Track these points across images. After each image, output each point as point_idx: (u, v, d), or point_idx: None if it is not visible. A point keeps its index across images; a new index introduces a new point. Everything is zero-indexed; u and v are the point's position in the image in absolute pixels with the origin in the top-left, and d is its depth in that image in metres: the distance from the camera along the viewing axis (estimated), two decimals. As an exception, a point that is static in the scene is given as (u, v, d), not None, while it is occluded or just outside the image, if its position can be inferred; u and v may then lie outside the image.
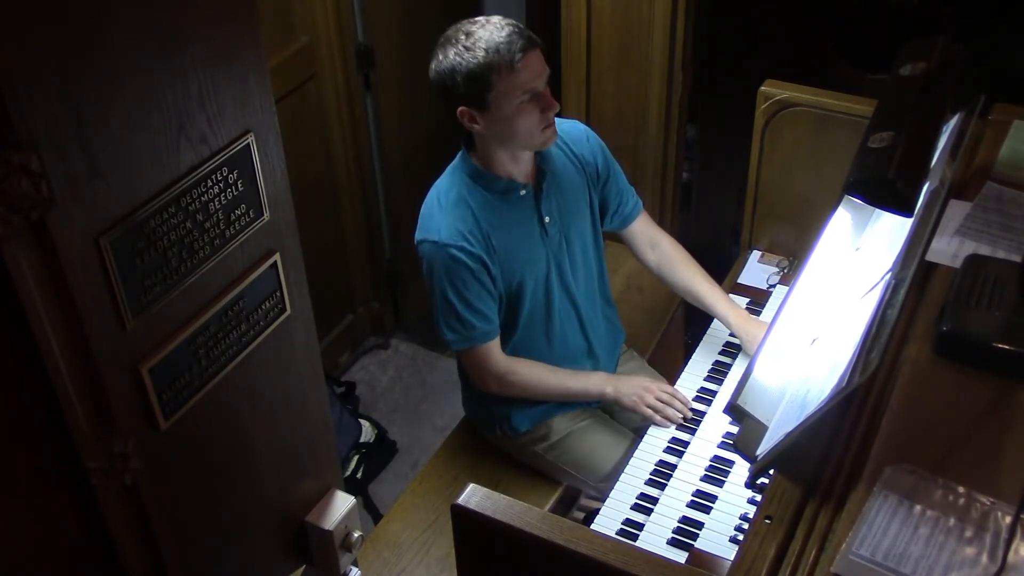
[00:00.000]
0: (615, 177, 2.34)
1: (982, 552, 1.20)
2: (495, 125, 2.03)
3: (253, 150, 1.26)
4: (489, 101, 1.99)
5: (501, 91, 1.97)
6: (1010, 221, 1.74)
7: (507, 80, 1.96)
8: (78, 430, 1.14)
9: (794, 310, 1.86)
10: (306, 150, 3.02)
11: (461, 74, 1.97)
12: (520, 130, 2.03)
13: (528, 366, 2.25)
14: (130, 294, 1.14)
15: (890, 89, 1.61)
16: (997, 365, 1.44)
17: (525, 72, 1.97)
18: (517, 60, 1.95)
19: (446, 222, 2.08)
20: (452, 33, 2.01)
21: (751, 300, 2.60)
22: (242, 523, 1.48)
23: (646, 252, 2.45)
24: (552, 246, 2.21)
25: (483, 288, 2.12)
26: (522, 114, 2.00)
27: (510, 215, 2.14)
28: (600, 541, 1.26)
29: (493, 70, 1.95)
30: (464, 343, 2.17)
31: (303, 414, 1.53)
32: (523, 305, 2.21)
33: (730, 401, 1.80)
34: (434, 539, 2.28)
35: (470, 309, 2.12)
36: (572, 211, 2.24)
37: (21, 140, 0.97)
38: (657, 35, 2.78)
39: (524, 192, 2.15)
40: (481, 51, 1.95)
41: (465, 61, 1.96)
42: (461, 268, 2.08)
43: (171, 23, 1.10)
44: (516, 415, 2.31)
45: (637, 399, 2.26)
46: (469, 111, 2.02)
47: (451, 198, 2.11)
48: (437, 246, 2.08)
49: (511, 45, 1.95)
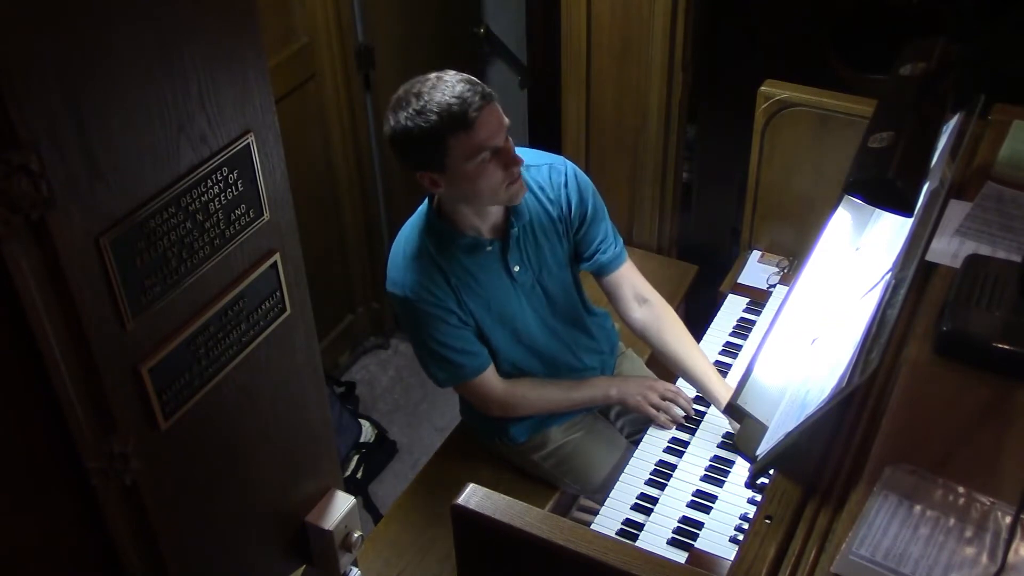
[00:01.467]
0: (595, 222, 2.20)
1: (982, 552, 1.20)
2: (457, 186, 1.94)
3: (253, 150, 1.26)
4: (447, 164, 1.89)
5: (459, 153, 1.87)
6: (1010, 221, 1.74)
7: (464, 141, 1.86)
8: (78, 430, 1.14)
9: (794, 310, 1.86)
10: (306, 150, 3.02)
11: (415, 139, 1.87)
12: (484, 189, 1.93)
13: (529, 385, 2.23)
14: (130, 294, 1.14)
15: (890, 89, 1.61)
16: (997, 365, 1.44)
17: (482, 130, 1.87)
18: (472, 119, 1.85)
19: (411, 278, 2.03)
20: (403, 95, 1.91)
21: (751, 300, 2.60)
22: (242, 523, 1.48)
23: (631, 307, 2.28)
24: (525, 291, 2.15)
25: (460, 330, 2.08)
26: (484, 173, 1.90)
27: (478, 269, 2.07)
28: (600, 541, 1.26)
29: (448, 132, 1.85)
30: (455, 380, 2.15)
31: (303, 414, 1.53)
32: (506, 346, 2.18)
33: (730, 401, 1.81)
34: (434, 539, 2.28)
35: (450, 349, 2.09)
36: (546, 256, 2.15)
37: (21, 140, 0.97)
38: (657, 35, 2.78)
39: (490, 248, 2.07)
40: (433, 114, 1.85)
41: (417, 125, 1.86)
42: (431, 318, 2.04)
43: (171, 23, 1.10)
44: (514, 427, 2.30)
45: (641, 399, 2.25)
46: (429, 175, 1.93)
47: (415, 253, 2.04)
48: (405, 301, 2.04)
49: (465, 104, 1.85)
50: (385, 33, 3.07)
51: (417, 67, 3.27)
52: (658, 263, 3.07)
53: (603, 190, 3.09)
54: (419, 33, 3.25)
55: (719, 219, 3.42)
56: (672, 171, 3.06)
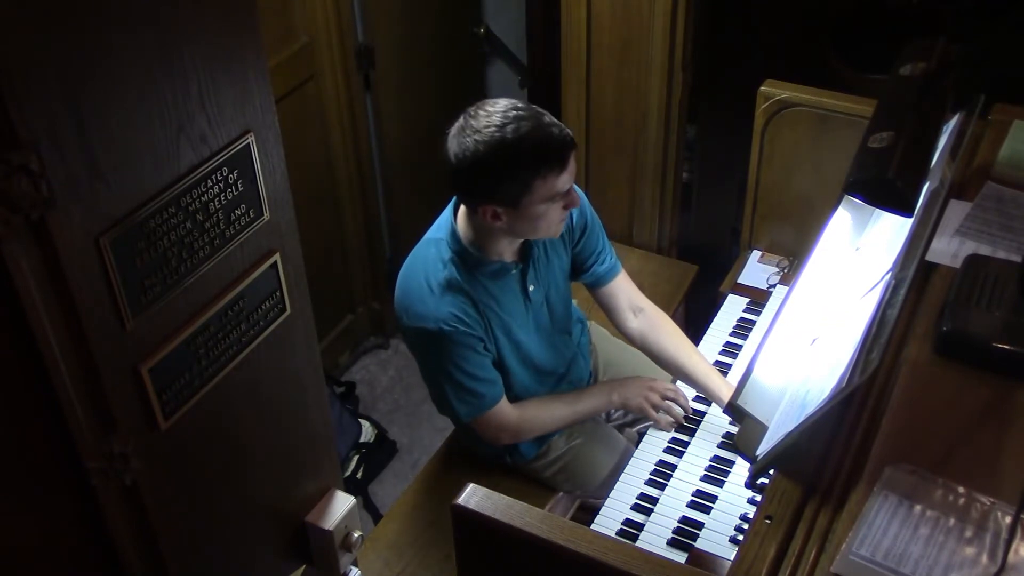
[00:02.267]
0: (591, 234, 2.21)
1: (982, 552, 1.20)
2: (518, 223, 1.91)
3: (253, 150, 1.26)
4: (523, 203, 1.87)
5: (539, 195, 1.86)
6: (1010, 221, 1.74)
7: (550, 184, 1.85)
8: (78, 430, 1.14)
9: (794, 310, 1.86)
10: (306, 150, 3.02)
11: (503, 176, 1.83)
12: (542, 227, 1.94)
13: (537, 406, 2.22)
14: (130, 294, 1.14)
15: (890, 89, 1.61)
16: (997, 365, 1.44)
17: (566, 175, 1.87)
18: (564, 166, 1.85)
19: (445, 310, 1.98)
20: (484, 120, 1.83)
21: (751, 300, 2.60)
22: (242, 523, 1.48)
23: (627, 318, 2.30)
24: (534, 310, 2.16)
25: (485, 358, 2.07)
26: (549, 214, 1.91)
27: (500, 293, 2.07)
28: (600, 541, 1.26)
29: (538, 174, 1.83)
30: (477, 412, 2.11)
31: (303, 414, 1.53)
32: (516, 368, 2.18)
33: (730, 401, 1.81)
34: (434, 539, 2.28)
35: (476, 380, 2.07)
36: (552, 273, 2.17)
37: (21, 140, 0.97)
38: (657, 35, 2.78)
39: (514, 271, 2.08)
40: (529, 155, 1.82)
41: (508, 164, 1.82)
42: (462, 347, 2.01)
43: (171, 23, 1.10)
44: (523, 445, 2.29)
45: (643, 400, 2.25)
46: (494, 208, 1.88)
47: (445, 283, 1.99)
48: (436, 334, 1.98)
49: (563, 151, 1.85)
50: (385, 33, 3.07)
51: (417, 67, 3.29)
52: (658, 263, 3.07)
53: (603, 190, 3.11)
54: (419, 33, 3.25)
55: (719, 219, 3.42)
56: (672, 171, 3.06)
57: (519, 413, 2.18)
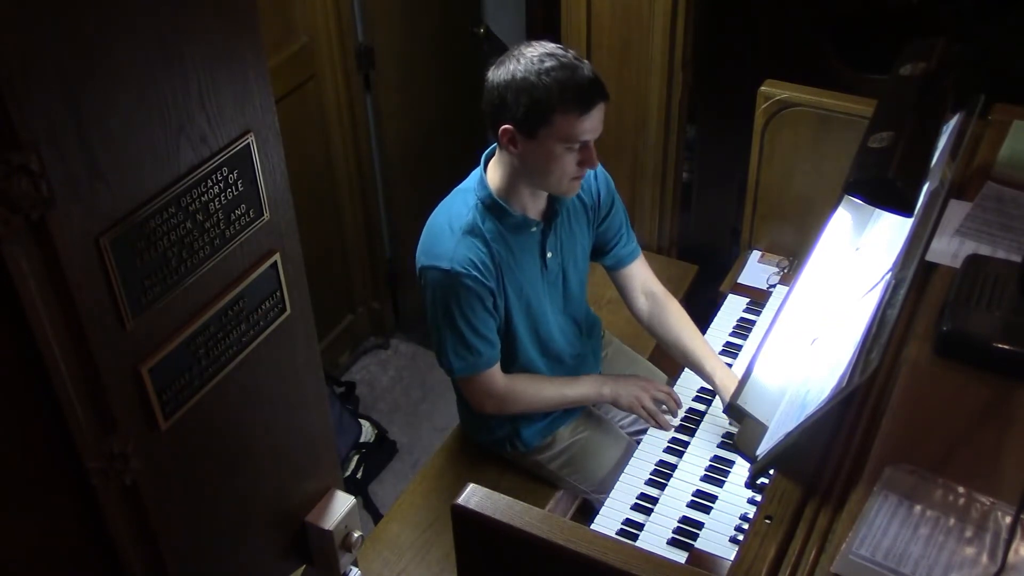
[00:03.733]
0: (616, 214, 2.28)
1: (982, 552, 1.20)
2: (532, 158, 1.96)
3: (253, 150, 1.26)
4: (540, 134, 1.91)
5: (557, 131, 1.90)
6: (1010, 221, 1.74)
7: (570, 125, 1.90)
8: (78, 430, 1.14)
9: (794, 310, 1.86)
10: (306, 150, 3.02)
11: (527, 96, 1.88)
12: (553, 173, 1.97)
13: (527, 382, 2.22)
14: (130, 294, 1.14)
15: (890, 89, 1.61)
16: (997, 365, 1.44)
17: (587, 123, 1.92)
18: (588, 109, 1.90)
19: (459, 250, 2.01)
20: (528, 50, 1.92)
21: (751, 300, 2.60)
22: (242, 523, 1.48)
23: (638, 299, 2.36)
24: (550, 280, 2.18)
25: (489, 315, 2.08)
26: (563, 159, 1.94)
27: (519, 249, 2.09)
28: (600, 541, 1.26)
29: (560, 108, 1.88)
30: (469, 370, 2.12)
31: (303, 414, 1.53)
32: (525, 336, 2.18)
33: (730, 401, 1.81)
34: (434, 539, 2.28)
35: (477, 335, 2.08)
36: (573, 245, 2.21)
37: (21, 140, 0.97)
38: (657, 35, 2.78)
39: (535, 229, 2.11)
40: (556, 84, 1.87)
41: (536, 85, 1.87)
42: (472, 296, 2.03)
43: (171, 23, 1.10)
44: (525, 432, 2.30)
45: (634, 400, 2.26)
46: (514, 133, 1.94)
47: (464, 224, 2.03)
48: (448, 274, 2.00)
49: (591, 95, 1.89)
50: (385, 33, 3.07)
51: (417, 67, 3.29)
52: (658, 263, 3.07)
53: (603, 190, 3.10)
54: (419, 33, 3.25)
55: (719, 219, 3.42)
56: (672, 171, 3.06)
57: (508, 384, 2.19)
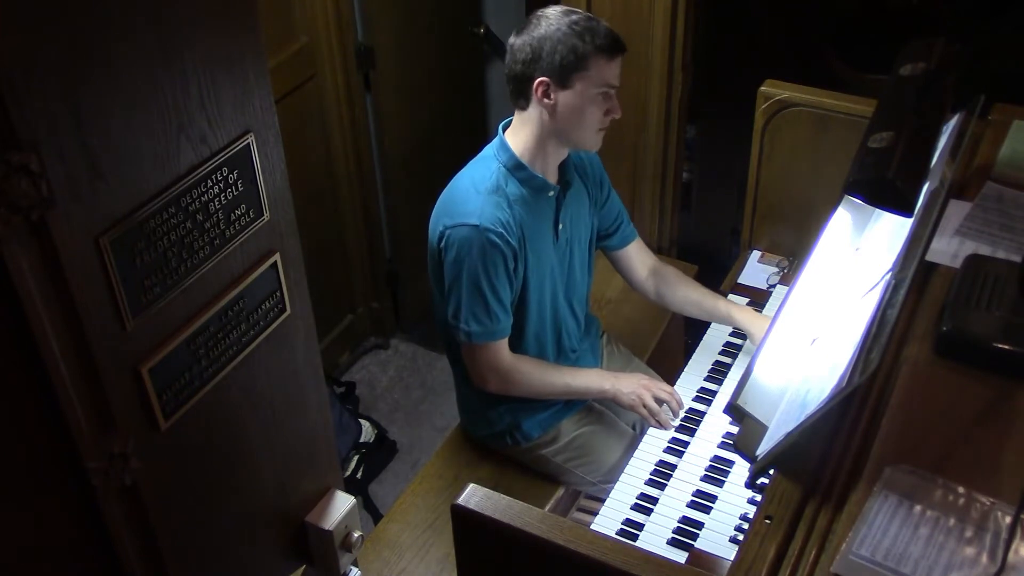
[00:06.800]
0: (613, 196, 2.38)
1: (982, 552, 1.20)
2: (566, 107, 2.05)
3: (253, 150, 1.26)
4: (574, 80, 2.02)
5: (591, 76, 2.02)
6: (1010, 221, 1.74)
7: (602, 69, 2.02)
8: (78, 430, 1.14)
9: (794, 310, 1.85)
10: (306, 150, 3.02)
11: (563, 45, 2.00)
12: (586, 121, 2.06)
13: (532, 364, 2.24)
14: (130, 294, 1.14)
15: (890, 89, 1.61)
16: (997, 365, 1.44)
17: (616, 67, 2.05)
18: (616, 54, 2.04)
19: (487, 208, 2.05)
20: (550, 11, 2.05)
21: (751, 300, 2.60)
22: (242, 523, 1.48)
23: (642, 276, 2.45)
24: (559, 252, 2.22)
25: (508, 280, 2.10)
26: (594, 106, 2.05)
27: (537, 214, 2.14)
28: (600, 541, 1.26)
29: (594, 53, 2.01)
30: (484, 337, 2.12)
31: (303, 414, 1.53)
32: (528, 303, 2.20)
33: (730, 401, 1.80)
34: (434, 539, 2.28)
35: (497, 300, 2.10)
36: (579, 224, 2.26)
37: (21, 140, 0.97)
38: (657, 35, 2.78)
39: (552, 194, 2.16)
40: (588, 34, 2.01)
41: (569, 35, 2.00)
42: (497, 255, 2.05)
43: (171, 23, 1.10)
44: (526, 423, 2.31)
45: (636, 398, 2.26)
46: (548, 83, 2.03)
47: (489, 185, 2.08)
48: (477, 230, 2.03)
49: (618, 42, 2.04)
50: (385, 33, 3.07)
51: (417, 67, 3.29)
52: (658, 263, 3.07)
53: (603, 190, 3.10)
54: (419, 33, 3.25)
55: (719, 219, 3.42)
56: (672, 171, 3.06)
57: (514, 362, 2.21)
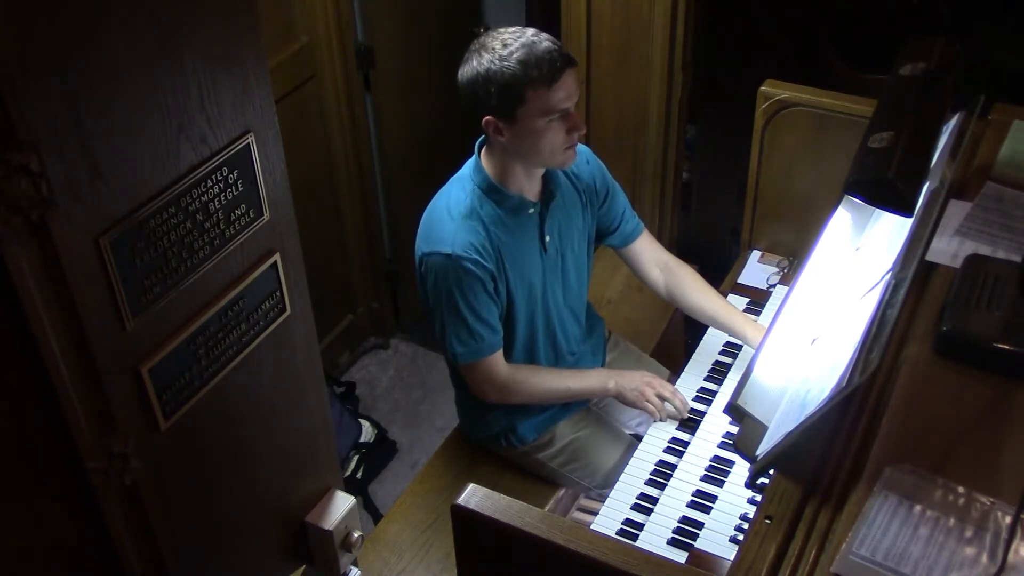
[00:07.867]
0: (614, 197, 2.32)
1: (982, 552, 1.20)
2: (520, 139, 1.99)
3: (253, 150, 1.26)
4: (519, 115, 1.95)
5: (534, 108, 1.93)
6: (1010, 221, 1.74)
7: (541, 98, 1.93)
8: (78, 430, 1.14)
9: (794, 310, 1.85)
10: (306, 150, 3.02)
11: (496, 84, 1.92)
12: (544, 148, 1.99)
13: (530, 372, 2.23)
14: (130, 294, 1.15)
15: (890, 89, 1.61)
16: (997, 365, 1.44)
17: (561, 91, 1.94)
18: (555, 79, 1.92)
19: (460, 235, 2.03)
20: (488, 40, 1.96)
21: (751, 300, 2.60)
22: (242, 523, 1.48)
23: (652, 272, 2.41)
24: (548, 263, 2.19)
25: (491, 300, 2.09)
26: (549, 132, 1.97)
27: (518, 231, 2.11)
28: (600, 541, 1.26)
29: (529, 85, 1.91)
30: (472, 356, 2.13)
31: (303, 414, 1.53)
32: (516, 317, 2.19)
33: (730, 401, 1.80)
34: (434, 539, 2.28)
35: (479, 320, 2.09)
36: (571, 231, 2.22)
37: (21, 140, 0.97)
38: (657, 35, 2.78)
39: (532, 211, 2.12)
40: (518, 64, 1.91)
41: (500, 71, 1.91)
42: (473, 280, 2.04)
43: (171, 23, 1.10)
44: (522, 426, 2.30)
45: (639, 394, 2.25)
46: (496, 122, 1.98)
47: (463, 210, 2.05)
48: (449, 258, 2.02)
49: (551, 63, 1.92)
50: (385, 33, 3.07)
51: (417, 67, 3.29)
52: (658, 263, 3.07)
53: (603, 190, 3.10)
54: (419, 33, 3.25)
55: (719, 219, 3.42)
56: (672, 171, 3.06)
57: (511, 372, 2.19)
